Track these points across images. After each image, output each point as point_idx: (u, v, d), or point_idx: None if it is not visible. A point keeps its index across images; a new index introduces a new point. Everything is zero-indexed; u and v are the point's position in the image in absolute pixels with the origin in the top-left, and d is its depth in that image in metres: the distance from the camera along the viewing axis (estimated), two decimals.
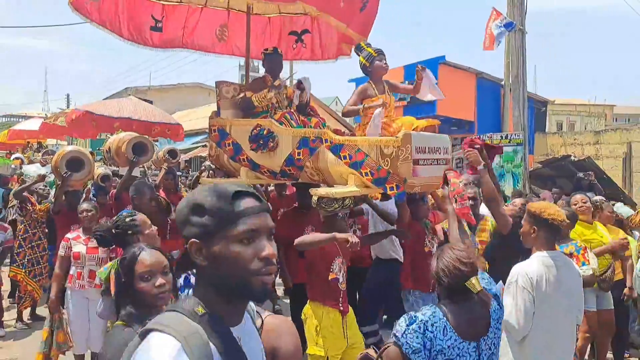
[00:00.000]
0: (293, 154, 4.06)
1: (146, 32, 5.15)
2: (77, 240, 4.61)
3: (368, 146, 3.66)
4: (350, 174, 3.71)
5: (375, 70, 4.29)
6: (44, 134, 14.07)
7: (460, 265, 2.17)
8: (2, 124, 47.15)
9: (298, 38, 5.56)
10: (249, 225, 1.17)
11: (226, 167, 4.67)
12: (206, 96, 25.14)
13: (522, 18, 10.04)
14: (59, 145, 23.47)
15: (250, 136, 4.27)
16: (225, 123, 4.57)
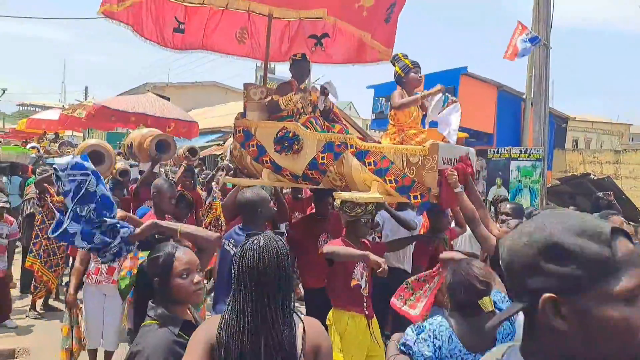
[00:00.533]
0: (317, 157, 4.07)
1: (169, 34, 5.18)
2: None
3: (394, 154, 3.66)
4: (373, 180, 3.70)
5: (410, 82, 4.27)
6: (62, 125, 14.20)
7: (476, 282, 2.19)
8: (20, 112, 47.74)
9: (318, 41, 5.56)
10: (637, 278, 0.87)
11: (248, 168, 4.66)
12: (222, 95, 25.28)
13: (547, 33, 9.94)
14: (74, 137, 23.72)
15: (276, 138, 4.27)
16: (251, 124, 4.56)
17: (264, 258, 1.77)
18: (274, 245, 1.82)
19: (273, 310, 1.74)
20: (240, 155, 4.63)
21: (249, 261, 1.78)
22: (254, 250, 1.80)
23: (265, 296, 1.74)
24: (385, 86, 12.59)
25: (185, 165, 6.78)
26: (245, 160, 4.61)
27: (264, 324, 1.72)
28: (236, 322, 1.74)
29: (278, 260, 1.79)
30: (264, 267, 1.76)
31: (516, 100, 12.05)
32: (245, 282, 1.77)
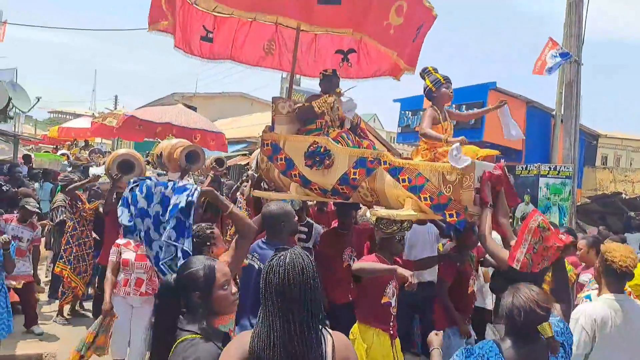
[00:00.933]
0: (348, 173, 4.06)
1: (196, 42, 5.21)
2: (127, 247, 4.63)
3: (430, 171, 3.63)
4: (407, 197, 3.68)
5: (441, 96, 4.23)
6: (93, 133, 14.50)
7: (536, 307, 2.14)
8: (51, 119, 48.90)
9: (344, 57, 5.60)
10: None
11: (275, 181, 4.66)
12: (249, 106, 25.51)
13: (578, 49, 9.79)
14: (103, 144, 24.17)
15: (307, 152, 4.27)
16: (279, 138, 4.57)
17: (289, 275, 1.77)
18: (299, 261, 1.82)
19: (301, 326, 1.74)
20: (267, 169, 4.65)
21: (274, 278, 1.78)
22: (279, 267, 1.80)
23: (292, 312, 1.74)
24: (412, 100, 12.55)
25: (212, 175, 6.85)
26: (272, 173, 4.61)
27: (292, 339, 1.72)
28: (266, 336, 1.74)
29: (304, 276, 1.79)
30: (290, 284, 1.76)
31: (546, 116, 11.87)
32: (272, 298, 1.78)
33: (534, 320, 2.13)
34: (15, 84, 9.60)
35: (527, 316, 2.13)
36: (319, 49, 5.80)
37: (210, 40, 5.27)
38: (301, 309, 1.76)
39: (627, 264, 2.94)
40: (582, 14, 9.71)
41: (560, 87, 10.39)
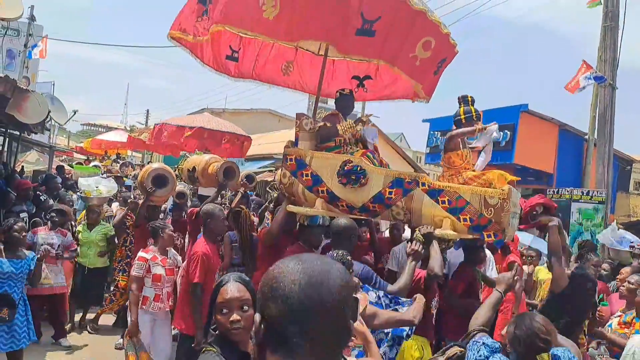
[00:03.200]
0: (384, 192, 4.21)
1: (222, 60, 5.32)
2: (155, 262, 4.70)
3: (470, 195, 3.94)
4: (445, 217, 3.95)
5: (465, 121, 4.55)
6: (128, 146, 14.81)
7: (536, 339, 2.25)
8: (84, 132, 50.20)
9: (360, 83, 5.64)
10: None
11: (296, 196, 4.63)
12: (276, 122, 25.74)
13: (612, 74, 9.65)
14: (133, 157, 24.64)
15: (342, 171, 4.31)
16: (305, 154, 4.58)
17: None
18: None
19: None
20: (290, 183, 4.62)
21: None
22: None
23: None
24: (441, 120, 12.50)
25: (242, 191, 6.90)
26: (295, 188, 4.59)
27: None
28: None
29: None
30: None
31: (578, 140, 11.67)
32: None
33: (534, 350, 2.24)
34: (53, 97, 9.91)
35: (527, 346, 2.26)
36: (336, 74, 5.95)
37: (235, 59, 5.39)
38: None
39: None
40: (616, 39, 9.59)
41: (593, 111, 10.24)
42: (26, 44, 15.17)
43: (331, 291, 1.05)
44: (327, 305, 1.03)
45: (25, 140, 11.97)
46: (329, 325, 1.04)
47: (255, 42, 5.51)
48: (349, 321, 1.07)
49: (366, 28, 4.38)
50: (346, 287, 1.08)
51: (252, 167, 16.11)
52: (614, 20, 9.61)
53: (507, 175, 4.15)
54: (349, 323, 1.08)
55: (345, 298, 1.07)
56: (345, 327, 1.08)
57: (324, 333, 1.04)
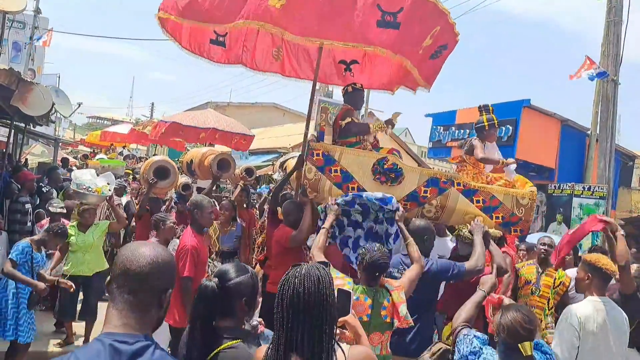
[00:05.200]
0: (418, 190, 4.37)
1: (206, 45, 5.22)
2: None
3: (504, 195, 4.39)
4: (478, 215, 4.32)
5: (489, 136, 4.99)
6: (132, 139, 14.91)
7: (519, 328, 2.35)
8: (89, 124, 50.39)
9: (347, 67, 5.71)
10: None
11: (321, 193, 4.49)
12: (281, 116, 25.78)
13: (615, 69, 9.62)
14: (138, 150, 24.76)
15: (381, 169, 4.34)
16: (334, 149, 4.47)
17: (304, 285, 1.78)
18: (315, 272, 1.82)
19: (308, 339, 1.75)
20: (317, 179, 4.45)
21: (289, 289, 1.80)
22: (295, 278, 1.81)
23: (301, 324, 1.76)
24: (444, 115, 12.51)
25: (242, 184, 6.97)
26: (322, 184, 4.44)
27: (298, 352, 1.74)
28: (277, 344, 1.77)
29: (319, 287, 1.80)
30: (304, 294, 1.77)
31: (580, 135, 11.65)
32: (284, 310, 1.78)
33: (517, 339, 2.34)
34: (58, 89, 10.02)
35: (510, 334, 2.36)
36: (323, 57, 5.70)
37: (221, 44, 5.28)
38: (313, 320, 1.76)
39: (613, 269, 3.51)
40: (620, 34, 9.56)
41: (596, 107, 10.22)
42: (32, 37, 15.27)
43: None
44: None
45: (30, 133, 12.08)
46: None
47: (240, 28, 5.30)
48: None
49: (389, 20, 4.31)
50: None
51: (257, 161, 16.16)
52: (617, 15, 9.57)
53: (527, 180, 4.66)
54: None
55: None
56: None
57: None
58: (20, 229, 6.80)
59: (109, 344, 1.36)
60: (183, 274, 4.06)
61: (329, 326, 1.80)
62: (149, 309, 1.47)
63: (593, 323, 3.31)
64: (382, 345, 3.19)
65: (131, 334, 1.41)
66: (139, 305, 1.45)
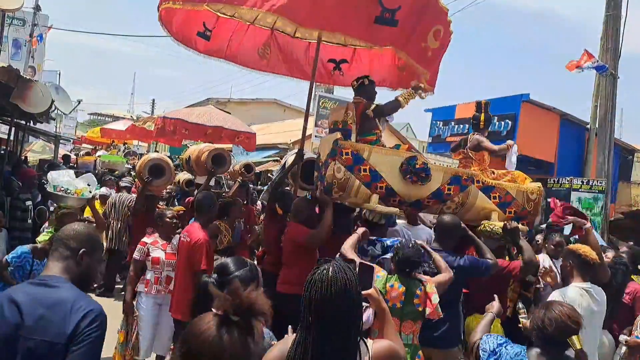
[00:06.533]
0: (443, 188, 4.49)
1: (192, 36, 5.26)
2: (155, 246, 4.80)
3: (516, 191, 4.65)
4: (493, 210, 4.57)
5: (483, 133, 5.14)
6: (131, 135, 14.92)
7: (569, 320, 2.29)
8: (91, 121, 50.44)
9: (336, 66, 5.76)
10: None
11: (347, 192, 4.39)
12: (281, 112, 25.77)
13: (614, 62, 9.61)
14: (139, 147, 24.82)
15: (412, 168, 4.34)
16: (363, 148, 4.41)
17: (331, 291, 1.77)
18: (342, 276, 1.81)
19: (337, 342, 1.76)
20: (346, 179, 4.33)
21: (315, 293, 1.79)
22: (321, 282, 1.80)
23: (329, 328, 1.76)
24: (444, 110, 12.50)
25: (240, 180, 7.00)
26: (351, 183, 4.34)
27: (328, 352, 1.75)
28: (304, 346, 1.77)
29: (346, 292, 1.79)
30: (331, 301, 1.77)
31: (580, 129, 11.63)
32: (311, 312, 1.79)
33: (566, 332, 2.28)
34: (58, 87, 10.03)
35: (559, 327, 2.28)
36: (312, 56, 5.78)
37: (207, 37, 5.29)
38: (340, 325, 1.77)
39: (594, 257, 3.66)
40: (619, 28, 9.54)
41: (595, 100, 10.21)
42: (31, 34, 15.30)
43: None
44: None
45: (31, 130, 12.12)
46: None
47: (230, 23, 5.46)
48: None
49: (387, 17, 4.27)
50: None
51: (257, 157, 16.18)
52: (616, 8, 9.55)
53: (526, 175, 4.91)
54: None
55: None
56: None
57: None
58: (21, 226, 6.82)
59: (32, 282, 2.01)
60: (199, 267, 4.08)
61: (355, 329, 1.80)
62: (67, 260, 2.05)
63: (579, 307, 3.36)
64: (413, 334, 3.25)
65: (54, 275, 2.00)
66: (60, 258, 2.05)
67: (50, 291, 1.89)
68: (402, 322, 3.19)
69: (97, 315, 1.90)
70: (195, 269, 4.11)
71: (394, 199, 4.42)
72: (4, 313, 1.83)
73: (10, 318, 1.82)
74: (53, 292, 1.89)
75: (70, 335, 1.81)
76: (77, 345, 1.81)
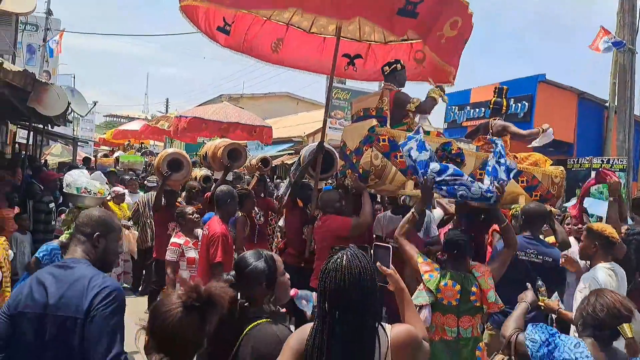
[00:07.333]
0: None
1: (213, 30, 5.35)
2: (188, 246, 4.88)
3: (541, 175, 4.78)
4: (521, 194, 4.68)
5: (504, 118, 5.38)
6: (145, 135, 15.06)
7: (621, 307, 2.22)
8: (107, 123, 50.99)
9: (350, 61, 5.79)
10: None
11: (384, 179, 4.39)
12: (294, 106, 25.72)
13: (632, 38, 9.43)
14: (155, 146, 25.05)
15: (448, 154, 4.35)
16: (399, 134, 4.40)
17: (345, 279, 1.76)
18: (356, 264, 1.79)
19: (354, 331, 1.75)
20: (383, 166, 4.35)
21: (330, 282, 1.78)
22: (336, 272, 1.79)
23: (346, 316, 1.76)
24: (459, 95, 12.37)
25: (258, 175, 7.01)
26: (387, 170, 4.35)
27: (343, 343, 1.74)
28: (321, 334, 1.77)
29: (361, 280, 1.77)
30: (346, 289, 1.75)
31: (598, 108, 11.44)
32: (327, 301, 1.79)
33: (618, 320, 2.19)
34: (73, 89, 10.15)
35: (611, 315, 2.20)
36: (326, 51, 5.93)
37: (227, 32, 5.40)
38: (356, 312, 1.76)
39: (617, 236, 3.62)
40: (635, 3, 9.36)
41: (613, 77, 10.04)
42: (45, 38, 15.46)
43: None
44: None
45: (49, 133, 12.29)
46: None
47: (247, 17, 5.54)
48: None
49: (409, 9, 4.30)
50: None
51: (272, 150, 16.21)
52: None
53: (547, 157, 5.04)
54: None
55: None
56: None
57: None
58: (45, 229, 6.91)
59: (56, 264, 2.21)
60: (215, 260, 4.15)
61: (372, 316, 1.79)
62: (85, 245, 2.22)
63: (610, 288, 3.31)
64: (472, 327, 3.23)
65: (75, 258, 2.18)
66: (78, 243, 2.22)
67: (70, 271, 2.08)
68: (459, 318, 3.18)
69: (112, 291, 2.03)
70: (211, 260, 4.18)
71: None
72: (33, 295, 2.04)
73: (39, 298, 2.03)
74: (73, 272, 2.08)
75: (86, 310, 1.98)
76: (91, 319, 1.97)
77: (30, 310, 2.03)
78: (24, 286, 2.13)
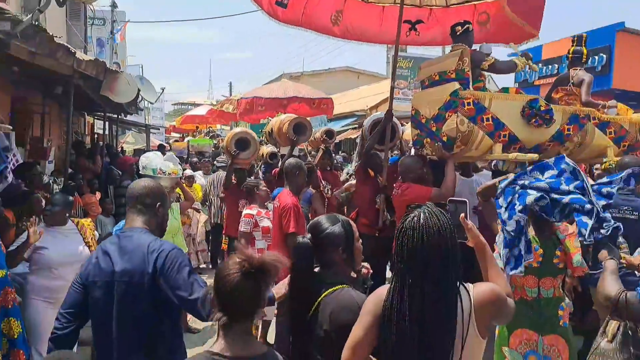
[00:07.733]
0: (562, 129, 4.40)
1: (270, 3, 5.35)
2: (261, 216, 4.96)
3: (629, 124, 4.67)
4: (609, 147, 4.57)
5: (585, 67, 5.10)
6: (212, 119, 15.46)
7: None
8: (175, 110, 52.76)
9: (412, 27, 5.67)
10: None
11: (470, 144, 4.22)
12: (355, 80, 25.48)
13: None
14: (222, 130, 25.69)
15: (537, 112, 4.22)
16: (484, 96, 4.24)
17: (424, 237, 1.70)
18: (435, 222, 1.73)
19: (434, 290, 1.69)
20: (470, 131, 4.15)
21: (408, 241, 1.73)
22: (413, 230, 1.73)
23: (426, 276, 1.70)
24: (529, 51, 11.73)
25: (323, 148, 7.01)
26: (475, 136, 4.17)
27: (421, 304, 1.69)
28: (400, 296, 1.72)
29: (441, 237, 1.71)
30: (425, 247, 1.70)
31: None
32: (404, 260, 1.74)
33: None
34: (142, 77, 10.53)
35: None
36: (386, 18, 5.86)
37: (284, 5, 5.38)
38: (436, 271, 1.70)
39: None
40: None
41: None
42: (112, 31, 16.13)
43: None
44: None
45: (122, 122, 12.84)
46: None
47: None
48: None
49: None
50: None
51: (335, 126, 16.19)
52: None
53: (629, 108, 4.91)
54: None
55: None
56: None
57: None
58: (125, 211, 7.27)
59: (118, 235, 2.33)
60: (289, 230, 4.22)
61: (453, 273, 1.73)
62: (146, 215, 2.35)
63: None
64: (554, 288, 3.14)
65: (135, 227, 2.31)
66: (138, 213, 2.34)
67: (131, 240, 2.24)
68: (540, 279, 3.08)
69: (170, 251, 2.20)
70: (285, 231, 4.24)
71: (515, 146, 4.28)
72: (100, 264, 2.22)
73: (106, 267, 2.20)
74: (132, 241, 2.23)
75: (152, 273, 2.15)
76: (165, 277, 2.13)
77: (99, 279, 2.20)
78: (92, 257, 2.31)
